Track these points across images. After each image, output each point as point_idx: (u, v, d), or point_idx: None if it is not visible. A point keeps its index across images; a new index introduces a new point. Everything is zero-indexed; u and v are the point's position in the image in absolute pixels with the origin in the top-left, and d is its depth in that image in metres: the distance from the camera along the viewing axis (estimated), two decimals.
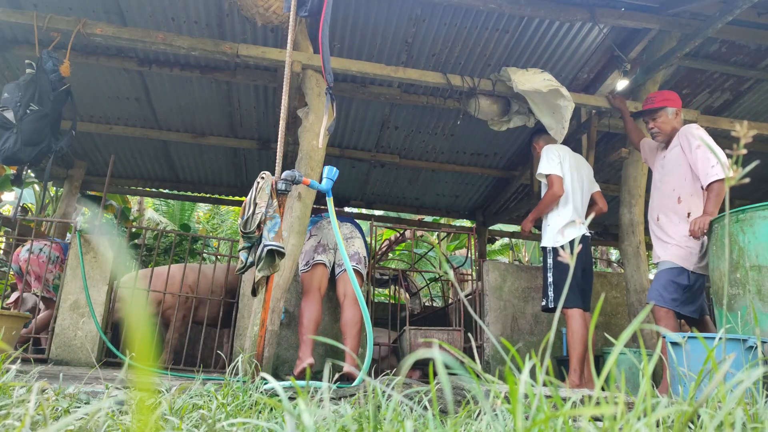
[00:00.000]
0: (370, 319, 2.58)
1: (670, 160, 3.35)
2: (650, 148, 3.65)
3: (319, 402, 1.30)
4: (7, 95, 3.64)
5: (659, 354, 1.00)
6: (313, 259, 3.76)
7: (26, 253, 4.39)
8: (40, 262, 4.37)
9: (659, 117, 3.42)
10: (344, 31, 4.02)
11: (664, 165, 3.43)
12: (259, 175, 2.49)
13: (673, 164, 3.32)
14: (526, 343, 4.38)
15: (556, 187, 3.57)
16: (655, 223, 3.36)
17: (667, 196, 3.32)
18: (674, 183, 3.28)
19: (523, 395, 0.72)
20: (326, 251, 3.82)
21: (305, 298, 3.70)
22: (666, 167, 3.39)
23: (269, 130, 5.52)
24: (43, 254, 4.39)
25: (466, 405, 1.34)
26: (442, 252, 10.17)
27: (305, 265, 3.78)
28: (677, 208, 3.24)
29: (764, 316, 2.67)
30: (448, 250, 11.64)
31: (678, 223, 3.20)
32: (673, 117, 3.40)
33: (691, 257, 3.12)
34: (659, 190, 3.41)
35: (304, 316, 3.63)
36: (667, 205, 3.30)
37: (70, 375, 2.73)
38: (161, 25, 3.99)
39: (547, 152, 3.67)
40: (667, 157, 3.40)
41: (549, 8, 3.54)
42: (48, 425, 1.06)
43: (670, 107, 3.40)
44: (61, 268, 4.48)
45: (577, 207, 3.63)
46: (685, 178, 3.24)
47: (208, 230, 13.48)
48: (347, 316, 3.69)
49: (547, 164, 3.61)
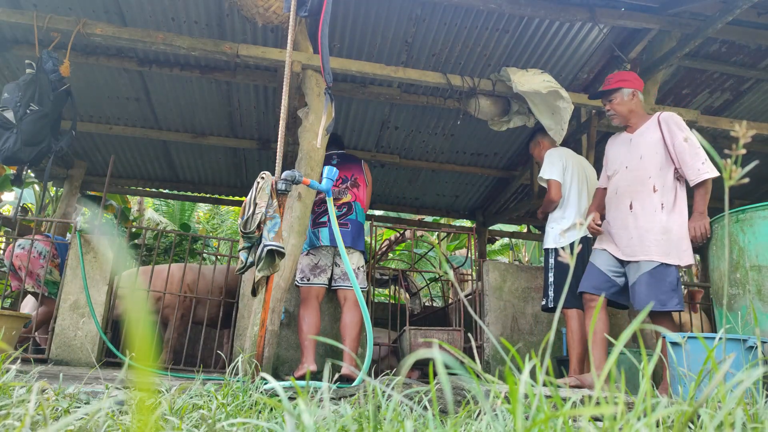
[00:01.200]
0: (370, 320, 2.58)
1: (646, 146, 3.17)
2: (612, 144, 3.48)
3: (319, 402, 1.30)
4: (7, 95, 3.64)
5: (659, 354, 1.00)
6: (309, 281, 3.77)
7: (18, 249, 4.38)
8: (32, 258, 4.36)
9: (615, 98, 3.30)
10: (344, 31, 4.02)
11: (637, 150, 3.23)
12: (259, 175, 2.49)
13: (649, 151, 3.15)
14: (526, 343, 4.38)
15: (553, 193, 3.59)
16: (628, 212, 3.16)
17: (641, 183, 3.15)
18: (651, 171, 3.12)
19: (523, 395, 0.72)
20: (324, 272, 3.83)
21: (304, 306, 3.72)
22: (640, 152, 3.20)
23: (269, 130, 5.52)
24: (35, 250, 4.38)
25: (466, 405, 1.34)
26: (442, 252, 10.17)
27: (301, 279, 3.79)
28: (652, 198, 3.08)
29: (764, 316, 2.67)
30: (448, 250, 11.63)
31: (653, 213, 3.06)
32: (629, 98, 3.27)
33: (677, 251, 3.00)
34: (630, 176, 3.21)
35: (304, 322, 3.65)
36: (641, 193, 3.13)
37: (70, 375, 2.73)
38: (161, 25, 3.99)
39: (550, 157, 3.68)
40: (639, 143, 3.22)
41: (549, 8, 3.54)
42: (48, 425, 1.06)
43: (626, 88, 3.27)
44: (53, 263, 4.47)
45: (581, 210, 3.65)
46: (661, 167, 3.10)
47: (208, 230, 13.48)
48: (347, 319, 3.72)
49: (548, 169, 3.63)
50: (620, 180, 3.27)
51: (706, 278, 7.21)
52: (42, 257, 4.38)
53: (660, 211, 3.06)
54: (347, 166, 4.08)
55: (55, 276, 4.43)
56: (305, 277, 3.79)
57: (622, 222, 3.18)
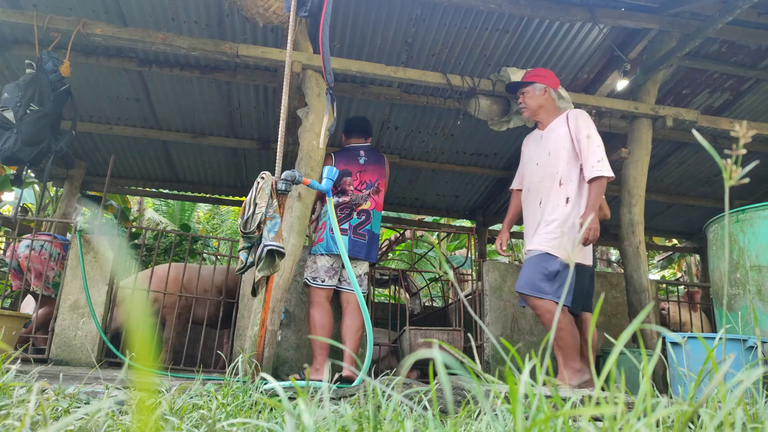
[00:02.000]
0: (370, 321, 2.59)
1: (554, 141, 3.20)
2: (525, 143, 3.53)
3: (319, 402, 1.29)
4: (7, 95, 3.63)
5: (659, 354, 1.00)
6: (324, 282, 3.71)
7: (26, 249, 4.37)
8: (42, 259, 4.35)
9: (527, 92, 3.33)
10: (344, 31, 4.02)
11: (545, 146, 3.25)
12: (259, 175, 2.49)
13: (557, 146, 3.18)
14: (526, 343, 4.38)
15: None
16: (537, 208, 3.20)
17: (549, 178, 3.18)
18: (557, 166, 3.15)
19: (523, 395, 0.72)
20: (336, 274, 3.78)
21: (317, 308, 3.67)
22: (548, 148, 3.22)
23: (269, 130, 5.52)
24: (44, 251, 4.37)
25: (466, 405, 1.34)
26: (442, 252, 10.17)
27: (314, 280, 3.73)
28: (558, 192, 3.11)
29: (764, 316, 2.67)
30: (448, 250, 11.63)
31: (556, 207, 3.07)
32: (540, 93, 3.29)
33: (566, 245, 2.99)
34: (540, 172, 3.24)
35: (318, 325, 3.59)
36: (549, 188, 3.16)
37: (70, 375, 2.73)
38: (161, 25, 3.99)
39: None
40: (548, 139, 3.25)
41: (549, 8, 3.54)
42: (48, 425, 1.06)
43: (538, 83, 3.30)
44: (62, 266, 4.47)
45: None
46: (568, 161, 3.12)
47: (208, 230, 13.48)
48: (349, 322, 3.70)
49: None
50: (531, 177, 3.30)
51: (706, 278, 7.21)
52: (52, 259, 4.38)
53: (564, 204, 3.06)
54: (373, 169, 4.00)
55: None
56: (319, 278, 3.72)
57: (532, 219, 3.21)
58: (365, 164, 3.98)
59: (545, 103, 3.30)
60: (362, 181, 3.94)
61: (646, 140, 4.06)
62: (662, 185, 6.42)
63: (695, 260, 11.31)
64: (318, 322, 3.60)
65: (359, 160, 3.99)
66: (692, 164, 5.90)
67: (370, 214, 3.94)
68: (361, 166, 3.97)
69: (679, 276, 12.79)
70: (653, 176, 6.02)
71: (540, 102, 3.30)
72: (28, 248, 4.35)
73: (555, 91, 3.37)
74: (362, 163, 3.98)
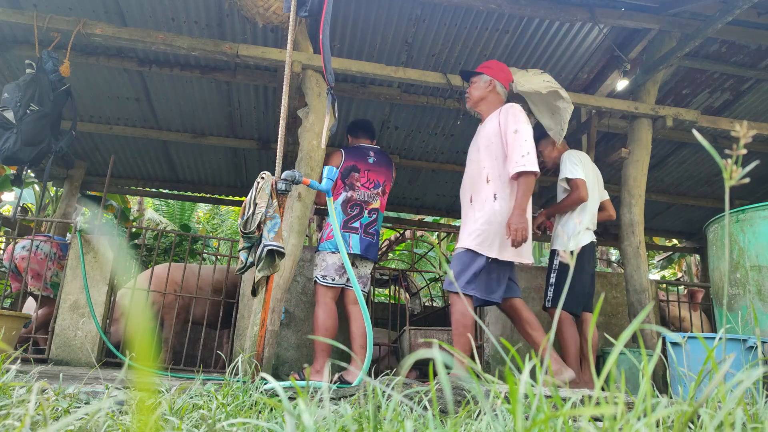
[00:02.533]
0: (370, 320, 2.59)
1: (484, 137, 3.12)
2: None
3: (319, 402, 1.29)
4: (7, 95, 3.63)
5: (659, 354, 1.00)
6: (334, 281, 3.69)
7: (22, 250, 4.36)
8: (39, 260, 4.35)
9: (473, 82, 3.26)
10: (344, 31, 4.02)
11: (477, 141, 3.18)
12: (259, 175, 2.49)
13: (486, 141, 3.09)
14: (526, 343, 4.38)
15: (583, 191, 3.55)
16: (468, 206, 3.11)
17: (477, 174, 3.09)
18: (485, 161, 3.06)
19: (523, 395, 0.72)
20: (345, 273, 3.76)
21: (323, 308, 3.64)
22: (478, 143, 3.14)
23: (269, 130, 5.53)
24: (41, 251, 4.37)
25: (466, 405, 1.34)
26: (442, 252, 10.16)
27: (324, 278, 3.70)
28: (486, 188, 3.02)
29: (764, 316, 2.67)
30: (448, 250, 11.63)
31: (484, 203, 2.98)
32: (485, 86, 3.21)
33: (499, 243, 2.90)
34: (470, 168, 3.16)
35: (320, 327, 3.56)
36: (477, 185, 3.07)
37: (70, 375, 2.73)
38: (161, 25, 3.99)
39: (571, 157, 3.69)
40: (480, 134, 3.17)
41: (549, 8, 3.54)
42: (48, 425, 1.06)
43: (485, 75, 3.23)
44: (60, 266, 4.46)
45: (593, 214, 3.69)
46: (496, 157, 3.02)
47: (208, 230, 13.48)
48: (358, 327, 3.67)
49: (573, 168, 3.62)
50: (465, 173, 3.22)
51: (706, 278, 7.21)
52: (48, 259, 4.38)
53: (492, 201, 2.96)
54: (380, 171, 4.00)
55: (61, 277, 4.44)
56: (329, 276, 3.69)
57: (464, 216, 3.12)
58: (374, 164, 3.98)
59: (488, 96, 3.21)
60: (370, 179, 3.93)
61: (646, 140, 4.06)
62: (662, 185, 6.42)
63: (695, 260, 11.31)
64: (322, 323, 3.56)
65: (368, 159, 3.99)
66: (692, 164, 5.90)
67: (378, 213, 3.95)
68: (370, 165, 3.97)
69: (679, 276, 12.79)
70: (653, 176, 6.02)
71: (482, 94, 3.22)
72: (23, 249, 4.35)
73: (503, 85, 3.27)
74: (371, 162, 3.98)
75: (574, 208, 3.64)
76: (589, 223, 3.63)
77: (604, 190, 3.92)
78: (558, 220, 3.77)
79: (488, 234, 2.91)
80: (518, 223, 2.80)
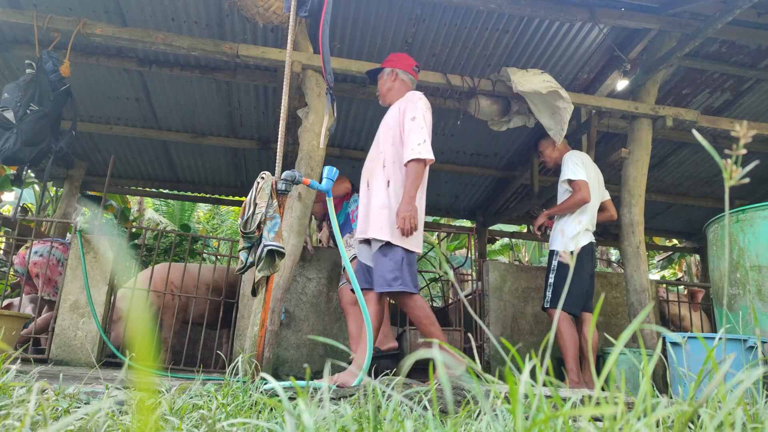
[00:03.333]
0: (370, 321, 2.59)
1: (385, 123, 3.08)
2: None
3: (319, 402, 1.29)
4: (7, 95, 3.63)
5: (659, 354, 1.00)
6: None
7: (36, 256, 4.37)
8: (51, 265, 4.36)
9: (380, 78, 3.25)
10: (344, 31, 4.02)
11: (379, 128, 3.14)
12: (259, 175, 2.49)
13: (386, 127, 3.06)
14: (526, 343, 4.38)
15: (585, 193, 3.57)
16: (366, 190, 3.05)
17: (376, 159, 3.04)
18: (383, 147, 3.01)
19: (523, 395, 0.72)
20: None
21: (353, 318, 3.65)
22: (381, 130, 3.11)
23: (269, 130, 5.52)
24: (53, 257, 4.38)
25: (466, 405, 1.34)
26: (442, 252, 10.17)
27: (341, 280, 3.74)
28: (381, 174, 2.97)
29: (764, 316, 2.67)
30: (448, 250, 11.64)
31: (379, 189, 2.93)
32: (389, 77, 3.20)
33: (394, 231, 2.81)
34: (370, 154, 3.12)
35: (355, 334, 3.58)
36: (375, 170, 3.02)
37: (70, 375, 2.73)
38: (161, 25, 3.99)
39: (573, 158, 3.70)
40: (383, 121, 3.13)
41: (549, 8, 3.54)
42: (48, 425, 1.06)
43: (386, 68, 3.22)
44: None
45: (593, 215, 3.69)
46: (392, 143, 2.98)
47: (208, 230, 13.47)
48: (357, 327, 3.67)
49: (575, 170, 3.63)
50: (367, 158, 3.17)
51: (706, 278, 7.21)
52: (60, 264, 4.38)
53: (385, 187, 2.92)
54: None
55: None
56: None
57: (362, 203, 3.06)
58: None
59: (393, 86, 3.20)
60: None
61: (646, 140, 4.06)
62: (662, 185, 6.42)
63: (695, 260, 11.31)
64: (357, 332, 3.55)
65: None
66: (692, 164, 5.90)
67: None
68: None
69: (680, 276, 12.79)
70: (653, 176, 6.02)
71: (388, 86, 3.21)
72: (36, 254, 4.36)
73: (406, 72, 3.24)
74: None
75: (573, 210, 3.65)
76: (588, 224, 3.64)
77: (605, 190, 3.92)
78: (557, 220, 3.77)
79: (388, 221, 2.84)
80: (406, 211, 2.74)
